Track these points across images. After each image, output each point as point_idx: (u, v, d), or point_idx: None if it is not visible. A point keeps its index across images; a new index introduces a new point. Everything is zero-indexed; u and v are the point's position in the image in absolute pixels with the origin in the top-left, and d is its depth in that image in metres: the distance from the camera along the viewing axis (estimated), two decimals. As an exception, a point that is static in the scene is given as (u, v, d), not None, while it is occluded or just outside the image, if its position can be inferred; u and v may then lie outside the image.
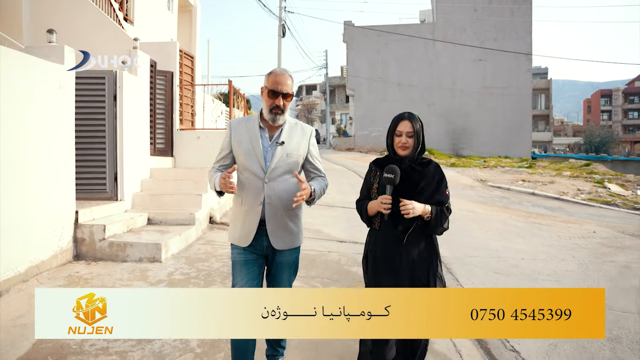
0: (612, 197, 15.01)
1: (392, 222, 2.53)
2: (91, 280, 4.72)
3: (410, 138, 2.56)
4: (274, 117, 2.63)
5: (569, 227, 8.91)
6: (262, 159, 2.63)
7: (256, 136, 2.66)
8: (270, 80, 2.63)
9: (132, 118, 6.93)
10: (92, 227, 5.51)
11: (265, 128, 2.70)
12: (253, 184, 2.64)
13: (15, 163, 4.51)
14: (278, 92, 2.60)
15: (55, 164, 5.21)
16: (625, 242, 7.52)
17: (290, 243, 2.71)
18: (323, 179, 2.83)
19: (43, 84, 4.98)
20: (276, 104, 2.61)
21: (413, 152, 2.59)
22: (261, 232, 2.64)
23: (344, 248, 6.37)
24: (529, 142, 33.36)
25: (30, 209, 4.76)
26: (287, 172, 2.66)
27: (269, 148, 2.66)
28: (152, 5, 14.25)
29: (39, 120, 4.92)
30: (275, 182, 2.62)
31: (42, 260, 4.88)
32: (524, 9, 33.08)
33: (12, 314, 3.83)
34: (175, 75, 8.84)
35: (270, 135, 2.69)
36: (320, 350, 3.33)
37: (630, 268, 5.90)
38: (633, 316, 4.24)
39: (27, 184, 4.72)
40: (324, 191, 2.78)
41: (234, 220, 2.75)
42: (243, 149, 2.67)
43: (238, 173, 2.75)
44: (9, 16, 8.88)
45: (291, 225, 2.70)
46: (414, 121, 2.59)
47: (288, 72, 2.69)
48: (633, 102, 77.69)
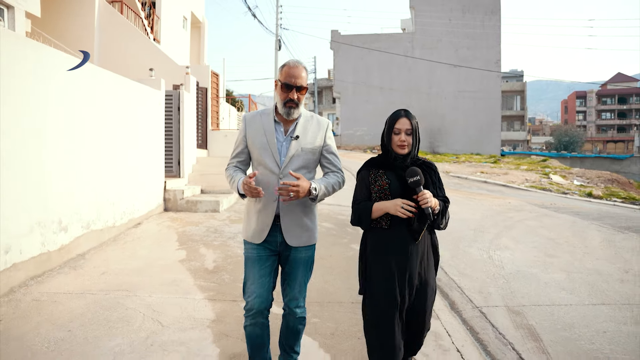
0: (551, 185, 18.58)
1: (405, 221, 2.47)
2: (184, 219, 7.96)
3: (409, 136, 2.51)
4: (288, 110, 2.58)
5: (495, 200, 12.30)
6: (276, 154, 2.58)
7: (271, 130, 2.61)
8: (283, 73, 2.57)
9: (188, 122, 10.16)
10: (174, 191, 8.76)
11: (280, 122, 2.64)
12: (268, 179, 2.57)
13: (137, 152, 7.70)
14: (292, 85, 2.54)
15: (155, 152, 8.43)
16: (525, 207, 10.93)
17: (307, 240, 2.65)
18: (336, 174, 2.70)
19: (150, 102, 8.19)
20: (290, 97, 2.55)
21: (412, 150, 2.55)
22: (275, 228, 2.60)
23: (332, 207, 9.64)
24: (498, 141, 37.00)
25: (146, 181, 7.96)
26: (302, 167, 2.60)
27: (284, 142, 2.61)
28: (172, 26, 17.48)
29: (150, 125, 8.13)
30: (289, 178, 2.53)
31: (151, 209, 8.12)
32: (494, 20, 36.70)
33: (151, 230, 7.08)
34: (209, 90, 12.09)
35: (286, 129, 2.64)
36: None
37: (512, 218, 9.28)
38: (492, 234, 7.58)
39: (144, 165, 7.93)
40: (334, 188, 2.65)
41: (248, 216, 2.69)
42: (258, 143, 2.62)
43: (253, 168, 2.70)
44: (84, 46, 12.01)
45: (307, 221, 2.64)
46: (412, 118, 2.54)
47: (302, 64, 2.60)
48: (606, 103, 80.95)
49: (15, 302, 4.10)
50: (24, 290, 4.41)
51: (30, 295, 4.30)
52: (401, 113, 2.54)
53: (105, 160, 6.38)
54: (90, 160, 5.95)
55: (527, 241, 7.17)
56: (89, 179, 5.89)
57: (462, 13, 36.54)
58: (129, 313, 3.92)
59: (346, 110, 37.27)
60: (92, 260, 5.44)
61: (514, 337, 3.70)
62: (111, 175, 6.53)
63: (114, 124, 6.68)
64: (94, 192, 6.01)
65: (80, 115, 5.72)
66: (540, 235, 7.69)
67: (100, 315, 3.88)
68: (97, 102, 6.18)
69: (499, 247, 6.79)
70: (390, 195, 2.49)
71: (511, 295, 4.67)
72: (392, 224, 2.50)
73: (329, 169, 2.71)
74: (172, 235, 6.83)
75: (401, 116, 2.52)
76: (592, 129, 79.21)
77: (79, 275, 4.90)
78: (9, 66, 4.39)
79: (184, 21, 19.38)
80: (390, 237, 2.50)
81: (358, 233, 6.95)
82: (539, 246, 6.86)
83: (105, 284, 4.66)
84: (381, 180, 2.53)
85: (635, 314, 4.21)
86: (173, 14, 17.53)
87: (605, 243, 7.15)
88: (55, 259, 5.11)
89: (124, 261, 5.48)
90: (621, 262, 6.01)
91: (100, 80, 6.31)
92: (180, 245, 6.26)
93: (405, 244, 2.49)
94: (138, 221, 7.50)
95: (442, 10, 36.29)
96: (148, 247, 6.18)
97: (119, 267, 5.24)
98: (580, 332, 3.80)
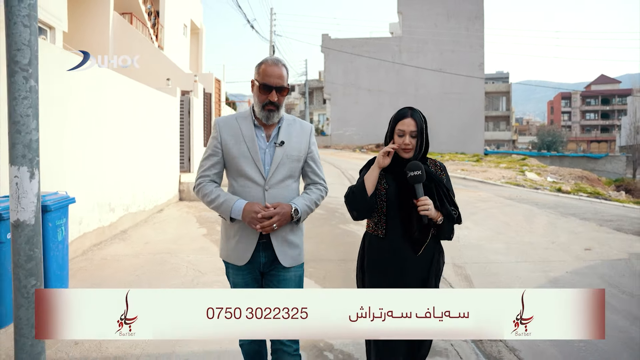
0: (525, 181, 20.21)
1: (403, 229, 2.27)
2: (198, 207, 9.39)
3: (413, 138, 2.26)
4: (268, 114, 2.28)
5: (468, 193, 13.84)
6: (260, 163, 2.28)
7: (251, 136, 2.31)
8: (261, 73, 2.27)
9: (196, 124, 11.59)
10: (188, 184, 10.19)
11: (260, 126, 2.35)
12: (251, 192, 2.28)
13: (159, 150, 9.12)
14: (271, 86, 2.24)
15: (172, 150, 9.85)
16: (493, 199, 12.48)
17: (298, 258, 2.37)
18: (319, 187, 2.45)
19: (169, 107, 9.61)
20: (269, 99, 2.25)
21: (417, 154, 2.29)
22: (258, 246, 2.29)
23: (324, 199, 11.10)
24: (481, 141, 38.77)
25: (166, 174, 9.39)
26: (288, 177, 2.34)
27: (267, 149, 2.32)
28: (174, 34, 18.86)
29: (168, 127, 9.56)
30: (276, 189, 2.29)
31: (169, 198, 9.55)
32: (477, 25, 38.44)
33: (173, 214, 8.52)
34: (212, 96, 13.52)
35: (267, 134, 2.34)
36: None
37: (478, 207, 10.82)
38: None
39: (165, 161, 9.36)
40: (316, 204, 2.41)
41: (227, 235, 2.37)
42: (236, 151, 2.30)
43: (230, 180, 2.39)
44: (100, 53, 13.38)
45: (293, 238, 2.34)
46: (418, 118, 2.28)
47: (282, 62, 2.32)
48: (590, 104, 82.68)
49: (89, 260, 5.55)
50: (90, 253, 5.85)
51: (98, 255, 5.74)
52: (406, 112, 2.29)
53: (138, 157, 7.81)
54: (128, 157, 7.38)
55: (484, 224, 8.70)
56: (127, 173, 7.31)
57: (447, 18, 38.26)
58: (176, 266, 5.38)
59: (336, 111, 38.86)
60: (133, 235, 6.88)
61: (454, 280, 5.21)
62: (142, 169, 7.96)
63: (145, 127, 8.12)
64: (130, 183, 7.44)
65: (123, 121, 7.15)
66: (497, 219, 9.23)
67: (155, 267, 5.34)
68: (136, 110, 7.62)
69: (460, 228, 8.28)
70: (387, 201, 2.30)
71: (458, 257, 6.17)
72: (387, 233, 2.30)
73: (311, 179, 2.46)
74: (192, 218, 8.27)
75: (406, 116, 2.27)
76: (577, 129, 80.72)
77: (128, 245, 6.34)
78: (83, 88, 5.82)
79: (184, 28, 20.79)
80: (386, 247, 2.30)
81: (345, 217, 8.42)
82: (493, 227, 8.38)
83: (151, 249, 6.11)
84: (380, 184, 2.33)
85: (545, 268, 5.74)
86: (175, 22, 18.94)
87: (547, 225, 8.71)
88: (107, 232, 6.54)
89: (159, 235, 6.93)
90: (552, 237, 7.55)
91: (137, 91, 7.74)
92: (200, 225, 7.70)
93: (402, 257, 2.28)
94: (161, 208, 8.93)
95: (428, 15, 38.02)
96: (175, 226, 7.62)
97: (157, 239, 6.69)
98: (502, 278, 5.33)
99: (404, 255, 2.27)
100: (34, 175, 2.50)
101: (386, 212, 2.31)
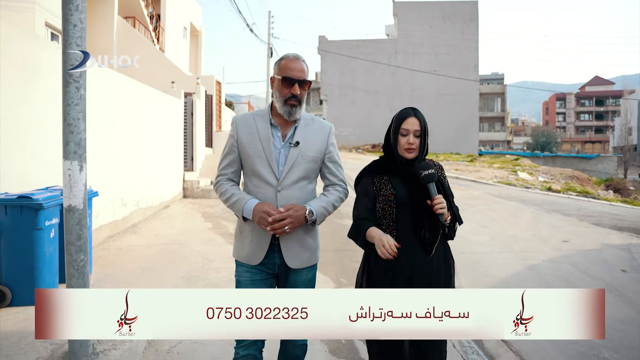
0: (517, 180, 20.77)
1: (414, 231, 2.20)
2: (202, 203, 9.89)
3: (417, 138, 2.23)
4: (290, 109, 2.23)
5: (460, 191, 14.35)
6: (274, 163, 2.25)
7: (267, 136, 2.26)
8: (282, 67, 2.24)
9: (199, 125, 12.09)
10: (191, 182, 10.70)
11: (277, 126, 2.31)
12: (263, 193, 2.26)
13: (165, 150, 9.62)
14: (293, 79, 2.21)
15: (177, 149, 10.35)
16: (483, 197, 13.03)
17: (307, 261, 2.32)
18: (337, 189, 2.39)
19: (174, 109, 10.11)
20: (292, 92, 2.21)
21: (420, 154, 2.27)
22: (273, 247, 2.27)
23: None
24: (476, 141, 39.38)
25: (171, 173, 9.89)
26: (303, 179, 2.29)
27: (282, 150, 2.28)
28: (174, 36, 19.34)
29: (174, 128, 10.06)
30: (289, 191, 2.25)
31: (174, 195, 10.06)
32: (472, 27, 39.06)
33: (179, 210, 9.02)
34: (213, 97, 14.02)
35: (283, 134, 2.30)
36: None
37: (468, 204, 11.35)
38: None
39: (170, 160, 9.86)
40: (335, 206, 2.35)
41: (240, 235, 2.38)
42: (251, 151, 2.28)
43: (245, 178, 2.39)
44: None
45: (308, 240, 2.32)
46: (421, 118, 2.25)
47: (302, 58, 2.28)
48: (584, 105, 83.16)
49: (106, 250, 6.05)
50: (107, 244, 6.34)
51: (114, 246, 6.25)
52: (410, 112, 2.25)
53: (147, 156, 8.31)
54: (139, 156, 7.88)
55: (472, 218, 9.22)
56: (138, 170, 7.81)
57: (443, 20, 38.86)
58: (186, 255, 5.89)
59: (333, 111, 39.39)
60: (144, 228, 7.38)
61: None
62: (150, 167, 8.46)
63: (153, 128, 8.62)
64: (140, 180, 7.93)
65: (134, 122, 7.65)
66: (484, 215, 9.76)
67: (166, 256, 5.84)
68: (145, 111, 8.12)
69: (449, 222, 8.84)
70: (396, 207, 2.22)
71: (445, 248, 6.69)
72: (397, 238, 2.18)
73: (330, 180, 2.41)
74: (197, 214, 8.78)
75: (410, 115, 2.24)
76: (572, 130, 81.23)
77: (139, 237, 6.84)
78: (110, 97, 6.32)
79: (184, 31, 21.28)
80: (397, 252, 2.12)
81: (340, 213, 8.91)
82: (480, 221, 8.92)
83: (161, 240, 6.62)
84: (386, 190, 2.26)
85: (524, 257, 6.29)
86: (175, 25, 19.43)
87: (531, 220, 9.26)
88: (119, 226, 7.04)
89: (168, 228, 7.43)
90: (534, 231, 8.10)
91: (146, 94, 8.24)
92: (205, 220, 8.21)
93: (412, 259, 2.19)
94: (167, 204, 9.43)
95: (423, 17, 38.62)
96: (181, 220, 8.13)
97: (167, 232, 7.19)
98: (482, 266, 5.86)
99: (415, 257, 2.20)
100: (82, 168, 3.03)
101: (395, 217, 2.23)
